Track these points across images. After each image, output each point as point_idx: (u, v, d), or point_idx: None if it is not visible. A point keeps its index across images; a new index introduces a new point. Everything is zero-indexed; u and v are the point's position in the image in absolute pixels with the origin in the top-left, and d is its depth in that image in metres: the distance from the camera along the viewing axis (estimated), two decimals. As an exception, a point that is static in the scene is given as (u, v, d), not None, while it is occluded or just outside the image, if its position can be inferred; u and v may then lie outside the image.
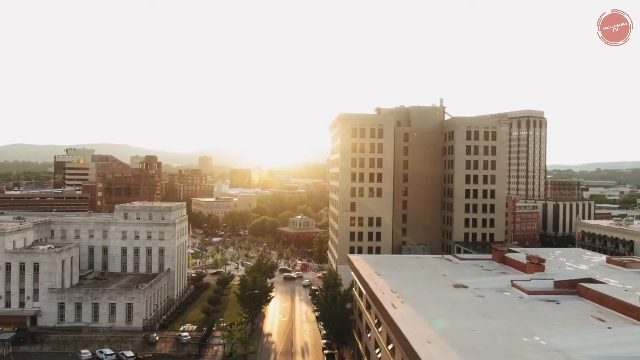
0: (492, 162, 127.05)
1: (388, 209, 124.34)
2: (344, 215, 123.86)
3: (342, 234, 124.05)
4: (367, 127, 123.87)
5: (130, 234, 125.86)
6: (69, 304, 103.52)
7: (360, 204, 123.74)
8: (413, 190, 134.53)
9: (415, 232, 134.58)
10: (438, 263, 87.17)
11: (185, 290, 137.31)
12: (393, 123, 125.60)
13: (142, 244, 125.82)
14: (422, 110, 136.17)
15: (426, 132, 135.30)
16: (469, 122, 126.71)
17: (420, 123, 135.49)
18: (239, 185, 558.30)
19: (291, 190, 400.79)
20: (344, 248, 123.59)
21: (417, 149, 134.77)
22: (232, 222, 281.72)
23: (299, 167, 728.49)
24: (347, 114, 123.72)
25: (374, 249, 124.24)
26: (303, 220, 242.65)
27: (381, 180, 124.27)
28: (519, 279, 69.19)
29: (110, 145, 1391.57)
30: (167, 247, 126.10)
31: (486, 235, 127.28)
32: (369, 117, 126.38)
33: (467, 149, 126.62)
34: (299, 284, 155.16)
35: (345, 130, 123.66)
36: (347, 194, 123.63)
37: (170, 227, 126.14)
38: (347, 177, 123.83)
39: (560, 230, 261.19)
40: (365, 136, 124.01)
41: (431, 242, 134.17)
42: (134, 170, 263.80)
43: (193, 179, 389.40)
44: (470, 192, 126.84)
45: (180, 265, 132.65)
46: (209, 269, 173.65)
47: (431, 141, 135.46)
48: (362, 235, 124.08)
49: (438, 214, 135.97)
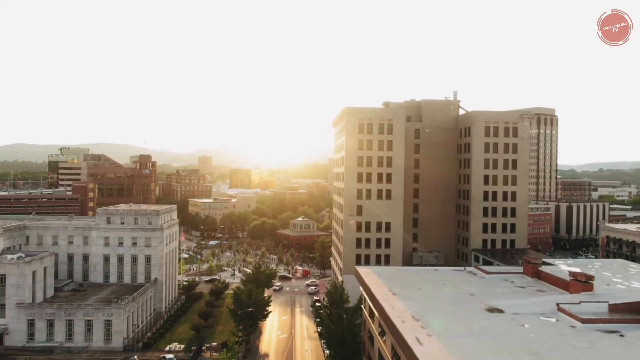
0: (514, 161, 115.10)
1: (398, 213, 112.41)
2: (350, 220, 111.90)
3: (347, 241, 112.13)
4: (375, 122, 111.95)
5: (113, 240, 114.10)
6: (40, 320, 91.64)
7: (367, 208, 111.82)
8: (425, 192, 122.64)
9: (427, 238, 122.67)
10: (461, 278, 75.12)
11: (175, 302, 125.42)
12: (403, 117, 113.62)
13: (127, 251, 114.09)
14: (435, 104, 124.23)
15: (439, 128, 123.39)
16: (487, 116, 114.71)
17: (433, 118, 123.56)
18: (239, 185, 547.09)
19: (292, 190, 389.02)
20: (349, 256, 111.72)
21: (429, 146, 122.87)
22: (230, 224, 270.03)
23: (300, 166, 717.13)
24: (352, 108, 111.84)
25: (382, 257, 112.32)
26: (304, 223, 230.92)
27: (390, 181, 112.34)
28: (565, 302, 57.14)
29: (111, 145, 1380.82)
30: (155, 254, 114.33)
31: (506, 242, 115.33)
32: (377, 110, 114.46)
33: (486, 146, 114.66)
34: (299, 292, 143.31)
35: (351, 125, 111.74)
36: (353, 196, 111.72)
37: (157, 233, 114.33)
38: (352, 178, 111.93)
39: (573, 233, 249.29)
40: (373, 132, 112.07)
41: (445, 249, 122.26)
42: (127, 170, 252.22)
43: (191, 179, 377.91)
44: (489, 194, 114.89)
45: (169, 274, 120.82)
46: (204, 275, 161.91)
47: (445, 138, 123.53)
48: (369, 242, 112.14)
49: (452, 218, 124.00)
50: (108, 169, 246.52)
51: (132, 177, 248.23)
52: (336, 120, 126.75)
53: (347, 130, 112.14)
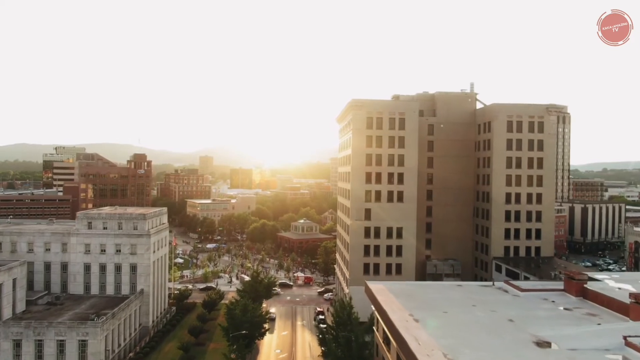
0: (539, 159, 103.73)
1: (411, 217, 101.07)
2: (357, 225, 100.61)
3: (354, 248, 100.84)
4: (385, 116, 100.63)
5: (94, 247, 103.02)
6: (5, 341, 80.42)
7: (376, 211, 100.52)
8: (439, 194, 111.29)
9: (441, 245, 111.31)
10: (491, 296, 63.64)
11: (165, 314, 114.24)
12: (417, 111, 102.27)
13: (110, 260, 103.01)
14: (450, 97, 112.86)
15: (455, 124, 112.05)
16: (510, 110, 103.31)
17: (448, 112, 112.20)
18: (239, 185, 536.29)
19: (293, 191, 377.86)
20: (356, 265, 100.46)
21: (444, 143, 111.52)
22: (228, 226, 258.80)
23: (302, 166, 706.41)
24: (360, 100, 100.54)
25: (393, 266, 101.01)
26: (306, 225, 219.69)
27: (402, 182, 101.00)
28: (633, 334, 45.78)
29: (113, 145, 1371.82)
30: (141, 263, 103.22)
31: (531, 249, 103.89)
32: (387, 103, 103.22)
33: (508, 143, 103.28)
34: (301, 302, 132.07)
35: (358, 120, 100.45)
36: (361, 198, 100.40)
37: (144, 239, 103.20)
38: (360, 178, 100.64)
39: (589, 236, 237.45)
40: (383, 127, 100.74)
41: (461, 256, 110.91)
42: (121, 170, 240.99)
43: (189, 180, 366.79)
44: (511, 196, 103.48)
45: (158, 284, 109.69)
46: (198, 283, 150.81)
47: (461, 134, 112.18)
48: (378, 250, 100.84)
49: (469, 223, 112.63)
50: (101, 169, 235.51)
51: (127, 177, 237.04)
52: (341, 115, 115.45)
53: (353, 126, 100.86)
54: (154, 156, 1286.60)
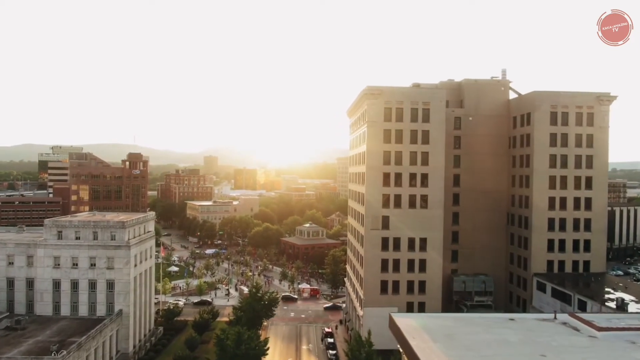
0: (588, 157, 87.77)
1: (437, 226, 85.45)
2: (373, 236, 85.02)
3: (369, 263, 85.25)
4: (407, 106, 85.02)
5: (65, 260, 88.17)
6: (-57, 381, 65.73)
7: (396, 219, 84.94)
8: (467, 198, 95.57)
9: (470, 258, 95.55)
10: (560, 337, 47.87)
11: (150, 337, 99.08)
12: (444, 99, 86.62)
13: (83, 275, 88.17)
14: (480, 85, 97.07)
15: (486, 116, 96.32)
16: (554, 99, 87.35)
17: (477, 103, 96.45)
18: (244, 186, 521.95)
19: (298, 192, 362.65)
20: (372, 283, 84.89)
21: (472, 139, 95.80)
22: (229, 230, 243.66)
23: (307, 166, 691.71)
24: (376, 87, 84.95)
25: (415, 284, 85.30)
26: (312, 230, 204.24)
27: (427, 185, 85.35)
28: None
29: (116, 145, 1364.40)
30: (119, 278, 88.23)
31: (578, 263, 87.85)
32: (409, 91, 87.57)
33: (552, 138, 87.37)
34: (306, 320, 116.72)
35: (375, 111, 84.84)
36: (378, 204, 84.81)
37: (123, 251, 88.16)
38: (376, 180, 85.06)
39: (616, 241, 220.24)
40: (404, 119, 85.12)
41: (493, 271, 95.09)
42: (115, 170, 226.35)
43: (190, 180, 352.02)
44: (555, 201, 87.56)
45: (140, 303, 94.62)
46: (193, 295, 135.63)
47: (493, 128, 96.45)
48: (398, 265, 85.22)
49: (503, 231, 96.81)
50: (94, 169, 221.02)
51: (121, 177, 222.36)
52: (353, 106, 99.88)
53: (368, 118, 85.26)
54: (159, 156, 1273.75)
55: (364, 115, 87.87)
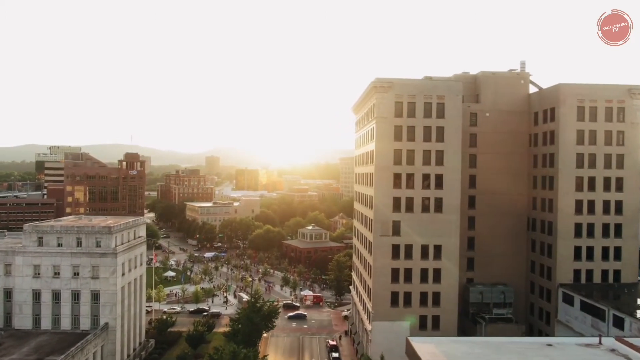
0: (619, 156, 79.98)
1: (452, 232, 77.86)
2: (382, 243, 77.43)
3: (379, 272, 77.63)
4: (420, 100, 77.43)
5: (46, 269, 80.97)
6: None
7: (408, 225, 77.34)
8: (484, 201, 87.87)
9: (487, 266, 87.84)
10: (612, 370, 40.38)
11: (140, 351, 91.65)
12: (460, 93, 78.96)
13: (65, 286, 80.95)
14: (498, 78, 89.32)
15: (504, 112, 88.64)
16: (582, 92, 79.56)
17: (495, 97, 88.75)
18: (245, 186, 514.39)
19: (301, 193, 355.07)
20: (382, 295, 77.29)
21: (490, 136, 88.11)
22: (229, 232, 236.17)
23: (309, 167, 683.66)
24: (386, 79, 77.35)
25: (429, 296, 77.64)
26: (314, 232, 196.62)
27: (441, 186, 77.72)
28: None
29: (119, 146, 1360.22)
30: (105, 289, 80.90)
31: (608, 273, 80.00)
32: (422, 83, 79.89)
33: (579, 135, 79.60)
34: (309, 330, 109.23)
35: (384, 105, 77.24)
36: (387, 208, 77.22)
37: (108, 259, 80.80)
38: (386, 182, 77.47)
39: None
40: (417, 114, 77.51)
41: (513, 280, 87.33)
42: (111, 171, 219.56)
43: (190, 181, 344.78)
44: (583, 204, 79.78)
45: (129, 315, 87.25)
46: (189, 303, 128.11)
47: (512, 125, 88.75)
48: (410, 275, 77.58)
49: (523, 237, 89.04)
50: (89, 170, 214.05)
51: (117, 178, 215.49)
52: (360, 101, 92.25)
53: (377, 113, 77.66)
54: (162, 157, 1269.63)
55: (372, 110, 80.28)
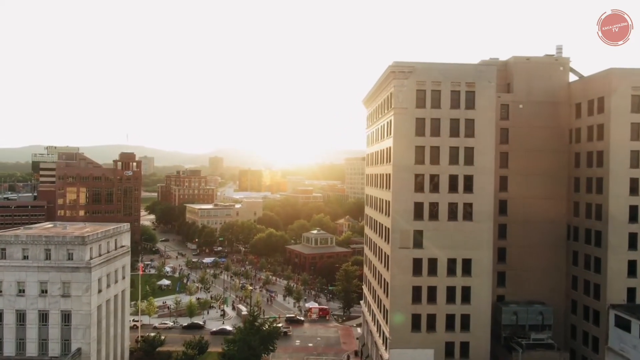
0: (681, 154, 67.73)
1: (485, 242, 66.12)
2: (402, 256, 65.66)
3: (397, 291, 65.86)
4: (446, 88, 65.73)
5: (9, 286, 69.76)
6: None
7: (432, 235, 65.58)
8: (517, 207, 75.85)
9: (521, 282, 75.79)
10: None
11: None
12: (494, 79, 67.16)
13: (31, 305, 69.69)
14: (533, 64, 77.26)
15: (540, 103, 76.60)
16: (637, 78, 67.44)
17: (529, 87, 76.71)
18: (248, 187, 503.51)
19: (305, 194, 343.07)
20: (401, 317, 65.40)
21: (523, 131, 76.10)
22: (230, 236, 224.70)
23: (313, 167, 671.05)
24: (406, 63, 65.60)
25: (457, 318, 65.87)
26: (320, 237, 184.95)
27: (471, 190, 65.93)
28: None
29: (123, 146, 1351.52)
30: (77, 309, 69.57)
31: (668, 292, 67.80)
32: (449, 68, 67.77)
33: (634, 129, 67.53)
34: (315, 350, 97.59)
35: (404, 93, 65.46)
36: (408, 215, 65.45)
37: (82, 274, 69.44)
38: (406, 184, 65.70)
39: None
40: (443, 105, 65.77)
41: (550, 298, 75.30)
42: (106, 172, 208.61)
43: (190, 182, 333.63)
44: (638, 210, 67.65)
45: (108, 338, 75.86)
46: (182, 317, 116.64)
47: (549, 118, 76.71)
48: (435, 294, 65.80)
49: (562, 249, 76.94)
50: (82, 170, 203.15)
51: (111, 179, 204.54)
52: (374, 90, 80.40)
53: (395, 103, 65.86)
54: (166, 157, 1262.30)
55: (389, 100, 68.50)
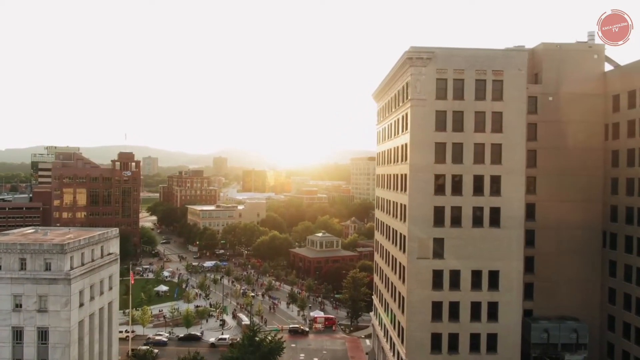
0: None
1: (515, 252, 58.30)
2: (420, 267, 57.87)
3: (415, 307, 58.05)
4: (470, 76, 57.95)
5: (-21, 300, 62.26)
6: None
7: (454, 243, 57.80)
8: (546, 211, 67.86)
9: (551, 294, 67.81)
10: None
11: (107, 398, 72.82)
12: (525, 66, 59.23)
13: (4, 321, 62.49)
14: (565, 52, 69.25)
15: (572, 95, 68.56)
16: (688, 65, 59.47)
17: (560, 77, 68.71)
18: (252, 188, 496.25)
19: (310, 195, 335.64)
20: (419, 337, 57.73)
21: (554, 127, 68.13)
22: (232, 239, 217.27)
23: (318, 167, 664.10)
24: (426, 48, 57.81)
25: (482, 338, 58.03)
26: (325, 240, 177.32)
27: (499, 192, 58.11)
28: None
29: (126, 147, 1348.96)
30: (55, 325, 62.22)
31: None
32: (473, 54, 59.75)
33: (684, 124, 59.51)
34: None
35: (423, 83, 57.66)
36: (427, 221, 57.68)
37: (60, 286, 62.08)
38: (424, 186, 57.92)
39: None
40: (466, 96, 57.99)
41: (584, 313, 67.28)
42: (103, 172, 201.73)
43: (193, 182, 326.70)
44: (689, 216, 59.65)
45: (93, 356, 68.44)
46: (179, 327, 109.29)
47: (582, 112, 68.75)
48: (457, 310, 57.98)
49: (597, 258, 68.85)
50: (79, 171, 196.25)
51: (109, 180, 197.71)
52: (387, 80, 72.54)
53: (413, 94, 58.08)
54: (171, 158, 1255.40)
55: (405, 91, 60.72)
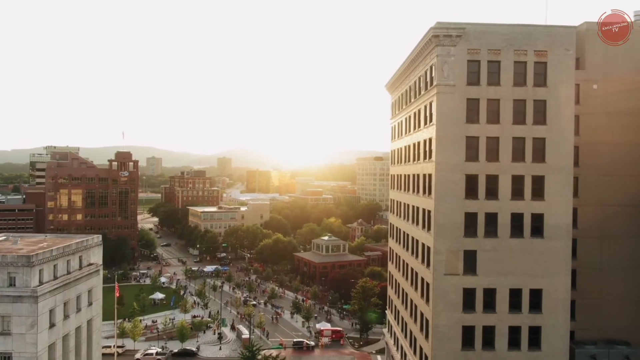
0: None
1: (562, 266, 48.90)
2: (448, 286, 48.57)
3: (442, 333, 48.73)
4: (507, 57, 48.65)
5: None
6: None
7: (489, 256, 48.44)
8: (591, 217, 58.22)
9: (597, 314, 58.21)
10: None
11: None
12: (572, 46, 49.91)
13: (-39, 346, 53.36)
14: (612, 32, 59.51)
15: (621, 82, 58.94)
16: None
17: (606, 60, 59.06)
18: (256, 189, 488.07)
19: (315, 196, 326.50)
20: None
21: (600, 119, 58.50)
22: (234, 242, 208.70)
23: (323, 168, 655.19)
24: (455, 24, 48.53)
25: (523, 370, 48.61)
26: (331, 244, 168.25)
27: (542, 196, 48.77)
28: None
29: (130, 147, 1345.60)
30: (21, 350, 53.31)
31: None
32: (511, 31, 50.21)
33: None
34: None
35: (452, 66, 48.34)
36: (456, 230, 48.37)
37: (25, 305, 53.19)
38: (453, 188, 48.61)
39: None
40: (503, 81, 48.63)
41: (635, 335, 57.69)
42: (100, 172, 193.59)
43: (195, 183, 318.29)
44: None
45: (67, 382, 59.50)
46: (173, 340, 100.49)
47: (633, 101, 59.07)
48: (492, 336, 48.62)
49: (653, 270, 59.16)
50: (75, 171, 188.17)
51: (106, 180, 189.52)
52: (406, 65, 63.06)
53: (439, 79, 48.77)
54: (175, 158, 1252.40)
55: (429, 75, 51.42)
